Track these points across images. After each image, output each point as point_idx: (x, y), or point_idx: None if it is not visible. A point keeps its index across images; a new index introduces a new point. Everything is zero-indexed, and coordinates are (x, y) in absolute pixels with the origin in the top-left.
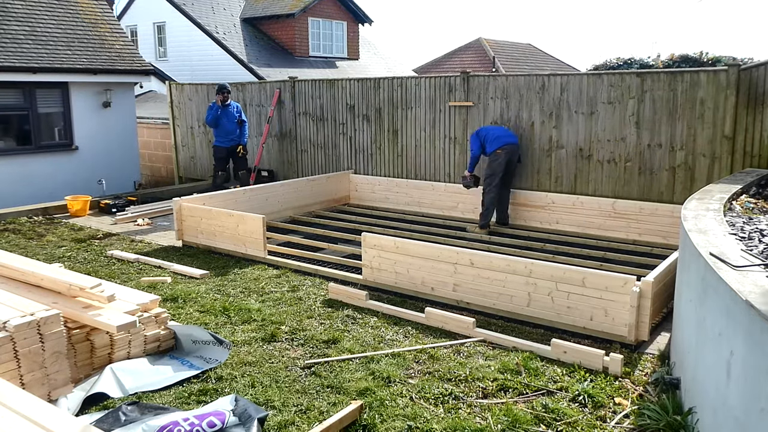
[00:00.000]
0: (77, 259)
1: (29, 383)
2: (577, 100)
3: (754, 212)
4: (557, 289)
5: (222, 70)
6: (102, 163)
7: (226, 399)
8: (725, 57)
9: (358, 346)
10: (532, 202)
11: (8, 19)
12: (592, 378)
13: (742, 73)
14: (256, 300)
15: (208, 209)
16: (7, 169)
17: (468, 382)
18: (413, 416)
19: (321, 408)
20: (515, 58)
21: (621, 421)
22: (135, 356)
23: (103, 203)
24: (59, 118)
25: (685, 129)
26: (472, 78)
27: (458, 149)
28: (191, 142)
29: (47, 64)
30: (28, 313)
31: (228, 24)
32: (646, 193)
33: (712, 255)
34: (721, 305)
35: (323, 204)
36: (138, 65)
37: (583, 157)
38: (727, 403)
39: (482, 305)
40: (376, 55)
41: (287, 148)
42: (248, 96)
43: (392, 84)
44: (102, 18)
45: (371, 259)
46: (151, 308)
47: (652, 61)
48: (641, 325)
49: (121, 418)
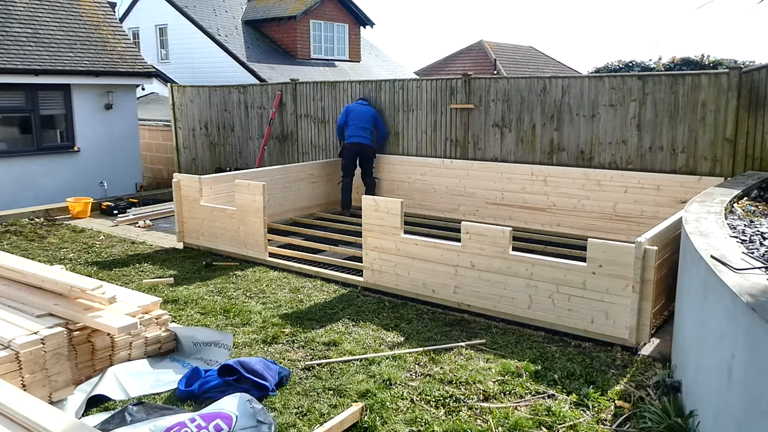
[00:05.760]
0: (78, 261)
1: (30, 385)
2: (578, 103)
3: (755, 215)
4: (558, 292)
5: (224, 73)
6: (103, 165)
7: (231, 398)
8: (727, 60)
9: (359, 348)
10: (534, 205)
11: (11, 21)
12: (593, 380)
13: (743, 76)
14: (257, 302)
15: (209, 208)
16: (9, 170)
17: (469, 384)
18: (414, 418)
19: (322, 410)
20: (517, 61)
21: (622, 424)
22: (136, 358)
23: (105, 205)
24: (61, 120)
25: (686, 132)
26: (474, 80)
27: (460, 151)
28: (193, 144)
29: (49, 66)
30: (32, 331)
31: (230, 26)
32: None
33: (713, 258)
34: (722, 308)
35: (324, 206)
36: (140, 67)
37: (584, 159)
38: (729, 406)
39: (483, 307)
40: (377, 57)
41: (289, 150)
42: (250, 98)
43: (394, 86)
44: (104, 20)
45: (372, 261)
46: (152, 310)
47: (653, 64)
48: (642, 327)
49: (128, 419)
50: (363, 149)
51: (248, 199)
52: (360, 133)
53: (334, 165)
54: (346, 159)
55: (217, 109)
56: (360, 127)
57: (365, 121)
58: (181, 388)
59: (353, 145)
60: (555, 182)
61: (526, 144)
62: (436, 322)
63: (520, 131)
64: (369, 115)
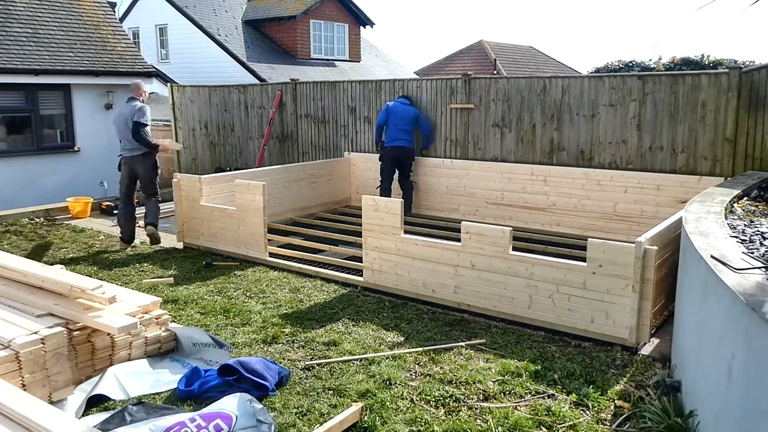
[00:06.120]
0: (78, 261)
1: (30, 384)
2: (578, 103)
3: (755, 215)
4: (558, 291)
5: (224, 72)
6: (104, 165)
7: (231, 398)
8: (727, 60)
9: (359, 347)
10: (534, 204)
11: (11, 21)
12: (593, 380)
13: (743, 76)
14: (257, 302)
15: (209, 208)
16: (8, 170)
17: (469, 384)
18: (414, 418)
19: (322, 410)
20: (517, 61)
21: (622, 424)
22: (136, 358)
23: (105, 205)
24: (61, 119)
25: (686, 132)
26: (474, 80)
27: (460, 151)
28: (193, 144)
29: (49, 66)
30: (32, 331)
31: (230, 26)
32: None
33: (713, 258)
34: (722, 308)
35: (324, 206)
36: (140, 67)
37: (584, 159)
38: (728, 406)
39: (483, 307)
40: (378, 57)
41: (289, 150)
42: (250, 98)
43: (394, 86)
44: (104, 20)
45: (372, 261)
46: (152, 310)
47: (653, 64)
48: (642, 327)
49: (127, 419)
50: (405, 153)
51: (248, 199)
52: (401, 135)
53: (334, 165)
54: (386, 164)
55: (217, 109)
56: (401, 129)
57: (407, 122)
58: (181, 388)
59: (394, 149)
60: (555, 182)
61: (526, 144)
62: (436, 322)
63: (520, 131)
64: (411, 115)
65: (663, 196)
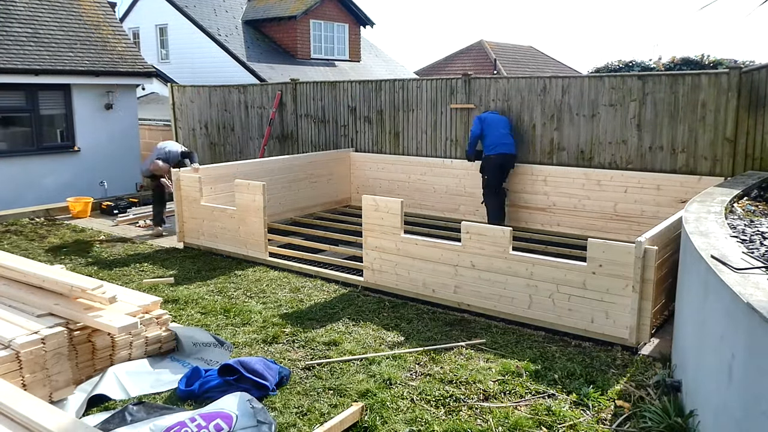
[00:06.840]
0: (79, 261)
1: (30, 384)
2: (578, 103)
3: (756, 215)
4: (558, 291)
5: (224, 72)
6: (104, 165)
7: (231, 398)
8: (727, 60)
9: (359, 347)
10: (534, 204)
11: (11, 21)
12: (593, 380)
13: (743, 76)
14: (257, 302)
15: (209, 207)
16: (9, 170)
17: (469, 384)
18: (414, 418)
19: (322, 410)
20: (517, 61)
21: (622, 423)
22: (136, 358)
23: (105, 205)
24: (61, 119)
25: (686, 132)
26: (474, 80)
27: (459, 151)
28: (193, 144)
29: (49, 66)
30: (33, 330)
31: (230, 26)
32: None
33: (714, 258)
34: (722, 308)
35: (324, 206)
36: (140, 67)
37: (584, 159)
38: (729, 406)
39: (483, 307)
40: (378, 57)
41: (289, 150)
42: (250, 98)
43: (394, 86)
44: (104, 20)
45: (372, 261)
46: (153, 310)
47: (653, 64)
48: (642, 327)
49: (128, 418)
50: (510, 159)
51: (248, 198)
52: (505, 140)
53: (334, 164)
54: (492, 173)
55: (217, 109)
56: (503, 133)
57: (506, 126)
58: (182, 388)
59: (500, 156)
60: (555, 182)
61: (526, 144)
62: (436, 321)
63: (520, 131)
64: (505, 121)
65: (663, 196)
